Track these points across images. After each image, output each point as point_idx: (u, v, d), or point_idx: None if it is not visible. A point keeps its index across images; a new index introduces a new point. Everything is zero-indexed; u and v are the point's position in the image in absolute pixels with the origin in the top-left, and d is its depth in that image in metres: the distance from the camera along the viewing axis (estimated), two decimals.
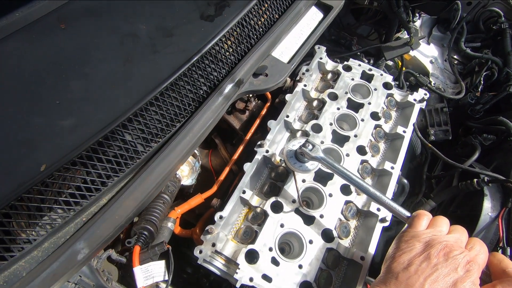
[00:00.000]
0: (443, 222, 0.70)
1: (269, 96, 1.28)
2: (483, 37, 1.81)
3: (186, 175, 1.29)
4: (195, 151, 1.36)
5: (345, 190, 1.00)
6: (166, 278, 0.80)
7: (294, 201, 0.96)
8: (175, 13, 0.72)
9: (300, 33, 0.94)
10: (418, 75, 1.62)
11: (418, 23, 1.80)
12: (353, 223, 0.99)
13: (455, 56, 1.89)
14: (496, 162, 1.45)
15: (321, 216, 0.95)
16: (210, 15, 0.72)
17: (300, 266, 0.87)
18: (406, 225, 0.74)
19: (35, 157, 0.55)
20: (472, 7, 1.80)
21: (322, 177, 1.03)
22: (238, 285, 0.83)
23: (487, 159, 1.51)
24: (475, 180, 1.28)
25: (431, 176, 1.63)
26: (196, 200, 1.06)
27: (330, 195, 0.98)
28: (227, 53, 0.77)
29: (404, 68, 1.78)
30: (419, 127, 1.70)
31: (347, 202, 0.99)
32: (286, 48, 0.90)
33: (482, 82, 1.66)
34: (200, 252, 0.87)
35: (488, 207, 1.25)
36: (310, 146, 0.87)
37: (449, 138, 1.65)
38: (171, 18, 0.71)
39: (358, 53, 1.51)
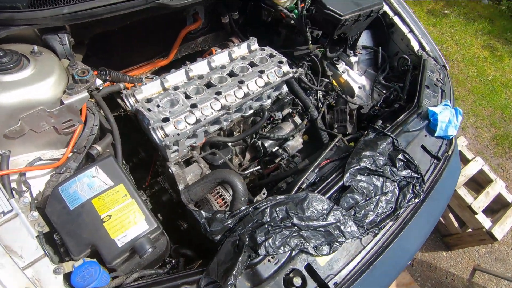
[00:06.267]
0: None
1: None
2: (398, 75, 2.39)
3: None
4: None
5: None
6: None
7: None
8: None
9: None
10: (333, 84, 2.26)
11: (353, 59, 2.48)
12: None
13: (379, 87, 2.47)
14: None
15: None
16: None
17: None
18: None
19: None
20: (397, 56, 2.44)
21: None
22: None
23: None
24: None
25: None
26: None
27: None
28: None
29: (333, 82, 2.42)
30: (328, 123, 2.26)
31: None
32: None
33: (381, 100, 2.20)
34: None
35: None
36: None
37: (347, 132, 2.16)
38: None
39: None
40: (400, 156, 1.58)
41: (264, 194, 1.58)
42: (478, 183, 3.43)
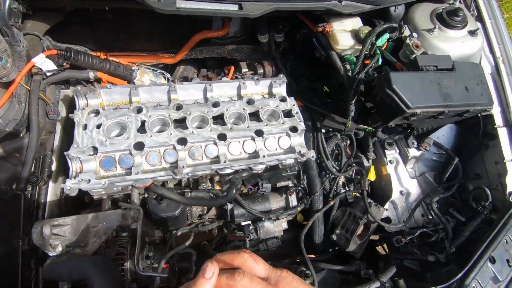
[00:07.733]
0: None
1: None
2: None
3: None
4: None
5: None
6: None
7: None
8: None
9: None
10: (364, 177, 1.62)
11: (413, 152, 1.75)
12: None
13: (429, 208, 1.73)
14: None
15: None
16: None
17: None
18: None
19: None
20: (477, 180, 1.65)
21: None
22: None
23: None
24: None
25: None
26: None
27: None
28: None
29: (371, 169, 1.75)
30: (332, 221, 1.65)
31: None
32: None
33: (416, 234, 1.50)
34: None
35: None
36: None
37: (345, 249, 1.55)
38: None
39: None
40: None
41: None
42: None
